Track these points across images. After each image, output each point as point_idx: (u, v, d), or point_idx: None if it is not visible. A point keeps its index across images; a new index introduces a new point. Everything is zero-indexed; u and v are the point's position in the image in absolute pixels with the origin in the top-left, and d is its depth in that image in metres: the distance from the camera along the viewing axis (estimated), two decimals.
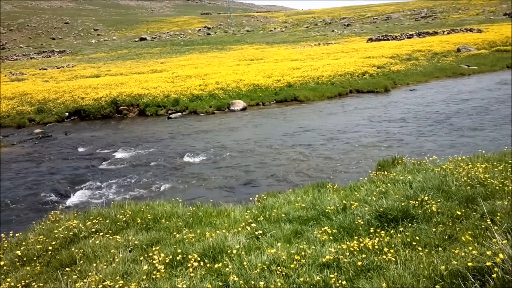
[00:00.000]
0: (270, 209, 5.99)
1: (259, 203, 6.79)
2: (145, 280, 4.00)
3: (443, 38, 42.86)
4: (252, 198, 7.41)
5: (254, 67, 30.57)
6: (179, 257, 4.38)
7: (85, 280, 4.10)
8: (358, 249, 4.07)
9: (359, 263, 3.78)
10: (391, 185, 6.20)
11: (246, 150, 13.59)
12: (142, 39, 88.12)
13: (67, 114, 21.86)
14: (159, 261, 4.31)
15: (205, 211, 6.34)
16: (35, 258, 5.10)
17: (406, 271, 3.52)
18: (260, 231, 5.02)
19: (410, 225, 4.69)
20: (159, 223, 5.90)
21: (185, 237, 5.07)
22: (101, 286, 3.91)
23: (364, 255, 3.91)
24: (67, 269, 4.54)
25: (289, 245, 4.53)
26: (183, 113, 20.96)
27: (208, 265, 4.20)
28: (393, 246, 4.12)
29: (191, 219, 5.99)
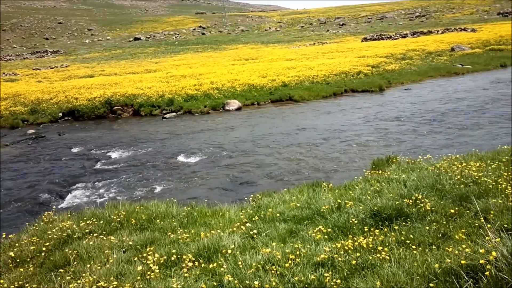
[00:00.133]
0: (265, 208, 5.99)
1: (254, 202, 6.79)
2: (140, 281, 3.99)
3: (437, 37, 43.06)
4: (247, 198, 7.41)
5: (249, 67, 30.55)
6: (173, 258, 4.38)
7: (79, 281, 4.08)
8: (352, 248, 4.08)
9: (354, 261, 3.78)
10: (385, 184, 6.22)
11: (241, 149, 13.59)
12: (136, 39, 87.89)
13: (60, 114, 21.73)
14: (153, 262, 4.30)
15: (200, 211, 6.34)
16: (28, 260, 5.07)
17: (400, 269, 3.53)
18: (255, 231, 5.01)
19: (404, 223, 4.70)
20: (153, 223, 5.89)
21: (180, 237, 5.06)
22: (95, 287, 3.90)
23: (358, 254, 3.92)
24: (60, 270, 4.51)
25: (284, 244, 4.53)
26: (178, 113, 20.91)
27: (203, 265, 4.20)
28: (387, 244, 4.13)
29: (186, 219, 5.98)
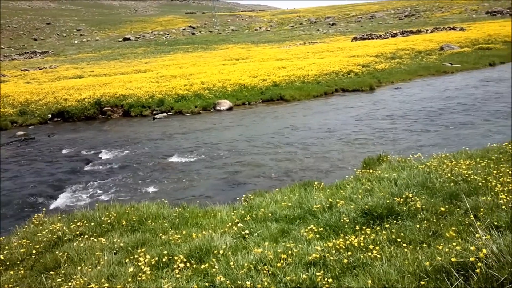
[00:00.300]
0: (257, 208, 6.00)
1: (246, 203, 6.78)
2: (131, 282, 3.97)
3: (426, 36, 43.40)
4: (239, 198, 7.40)
5: (240, 67, 30.51)
6: (165, 259, 4.36)
7: (69, 284, 4.06)
8: (344, 247, 4.09)
9: (345, 260, 3.80)
10: (376, 182, 6.25)
11: (233, 149, 13.57)
12: (125, 39, 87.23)
13: (50, 115, 21.50)
14: (144, 263, 4.28)
15: (191, 212, 6.32)
16: (18, 262, 5.02)
17: (391, 267, 3.55)
18: (247, 231, 5.01)
19: (395, 222, 4.73)
20: (144, 224, 5.86)
21: (171, 238, 5.04)
22: None
23: (350, 253, 3.93)
24: (51, 272, 4.48)
25: (276, 244, 4.53)
26: (169, 113, 20.82)
27: (195, 266, 4.19)
28: (378, 243, 4.15)
29: (177, 220, 5.96)
